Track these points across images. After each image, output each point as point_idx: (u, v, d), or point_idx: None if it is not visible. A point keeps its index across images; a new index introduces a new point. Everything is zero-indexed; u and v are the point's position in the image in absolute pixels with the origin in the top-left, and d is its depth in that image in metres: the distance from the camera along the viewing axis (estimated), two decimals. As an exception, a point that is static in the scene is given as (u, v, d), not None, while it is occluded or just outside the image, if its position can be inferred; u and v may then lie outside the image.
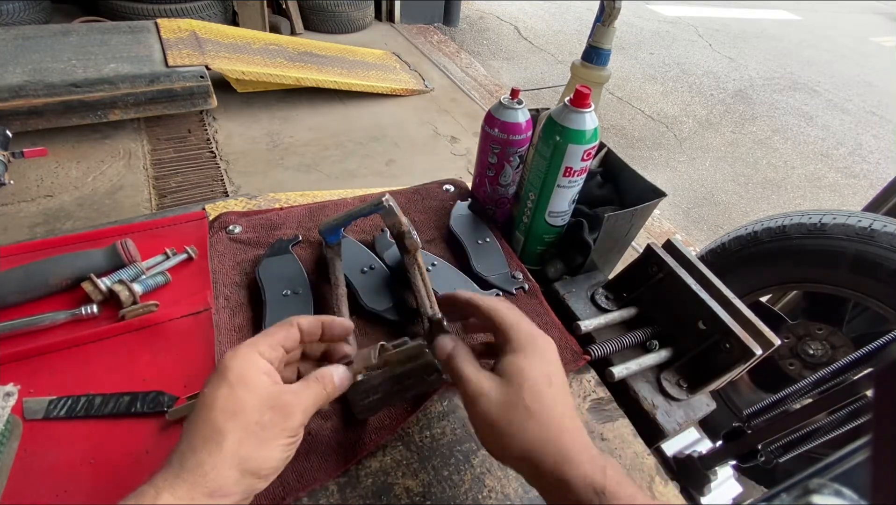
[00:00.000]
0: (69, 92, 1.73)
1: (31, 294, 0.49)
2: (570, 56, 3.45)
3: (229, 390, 0.30)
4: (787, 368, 1.04)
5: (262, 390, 0.31)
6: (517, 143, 0.61)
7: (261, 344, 0.33)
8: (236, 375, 0.31)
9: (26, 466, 0.38)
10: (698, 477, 0.53)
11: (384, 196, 0.49)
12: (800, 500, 0.25)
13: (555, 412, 0.32)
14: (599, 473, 0.30)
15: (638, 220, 0.62)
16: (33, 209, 1.59)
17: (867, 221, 0.84)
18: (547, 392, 0.33)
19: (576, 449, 0.31)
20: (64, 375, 0.44)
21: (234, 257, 0.57)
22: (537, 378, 0.33)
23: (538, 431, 0.32)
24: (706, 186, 2.49)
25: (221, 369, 0.31)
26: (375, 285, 0.55)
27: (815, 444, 0.54)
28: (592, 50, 1.10)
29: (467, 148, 2.28)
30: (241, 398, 0.30)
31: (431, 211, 0.69)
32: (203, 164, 1.92)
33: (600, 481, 0.29)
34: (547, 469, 0.31)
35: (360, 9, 3.14)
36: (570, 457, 0.31)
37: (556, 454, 0.31)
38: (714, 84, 3.58)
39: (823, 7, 6.37)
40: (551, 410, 0.32)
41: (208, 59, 2.01)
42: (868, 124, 3.37)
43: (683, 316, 0.52)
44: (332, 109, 2.36)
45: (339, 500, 0.40)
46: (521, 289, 0.59)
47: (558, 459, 0.31)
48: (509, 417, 0.33)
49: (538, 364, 0.34)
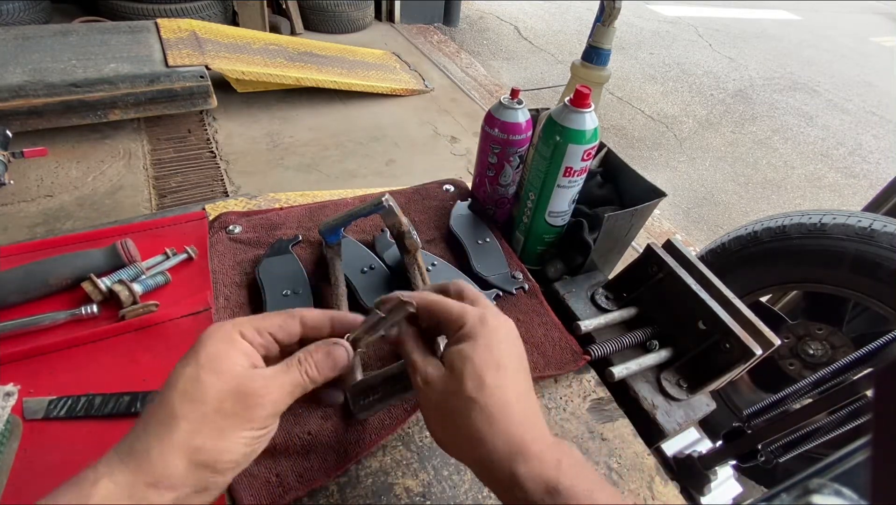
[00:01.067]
0: (69, 92, 1.73)
1: (31, 294, 0.49)
2: (570, 56, 3.45)
3: (194, 371, 0.27)
4: (787, 368, 1.04)
5: (229, 374, 0.27)
6: (517, 143, 0.61)
7: (246, 326, 0.30)
8: (207, 355, 0.28)
9: (26, 466, 0.38)
10: (698, 477, 0.53)
11: (384, 196, 0.49)
12: (800, 500, 0.25)
13: (500, 400, 0.29)
14: (552, 468, 0.27)
15: (638, 220, 0.62)
16: (33, 209, 1.59)
17: (867, 221, 0.84)
18: (492, 379, 0.30)
19: (526, 440, 0.28)
20: (64, 375, 0.44)
21: (234, 257, 0.58)
22: (482, 364, 0.30)
23: (482, 421, 0.29)
24: (706, 186, 2.49)
25: (196, 346, 0.28)
26: (375, 285, 0.55)
27: (815, 444, 0.54)
28: (592, 50, 1.10)
29: (467, 148, 2.28)
30: (204, 382, 0.27)
31: (431, 211, 0.69)
32: (203, 164, 1.92)
33: (553, 477, 0.27)
34: (496, 464, 0.28)
35: (360, 9, 3.14)
36: (521, 449, 0.28)
37: (505, 447, 0.28)
38: (714, 84, 3.58)
39: (823, 7, 6.37)
40: (497, 397, 0.29)
41: (208, 59, 2.01)
42: (868, 124, 3.37)
43: (683, 316, 0.52)
44: (332, 109, 2.36)
45: (339, 500, 0.40)
46: (521, 289, 0.59)
47: (507, 452, 0.28)
48: (451, 406, 0.30)
49: (483, 350, 0.31)
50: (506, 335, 0.33)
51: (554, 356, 0.52)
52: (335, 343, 0.33)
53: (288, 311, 0.33)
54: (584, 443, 0.47)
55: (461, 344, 0.31)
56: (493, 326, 0.32)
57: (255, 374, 0.29)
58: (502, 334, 0.32)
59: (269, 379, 0.29)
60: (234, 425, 0.27)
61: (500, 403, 0.29)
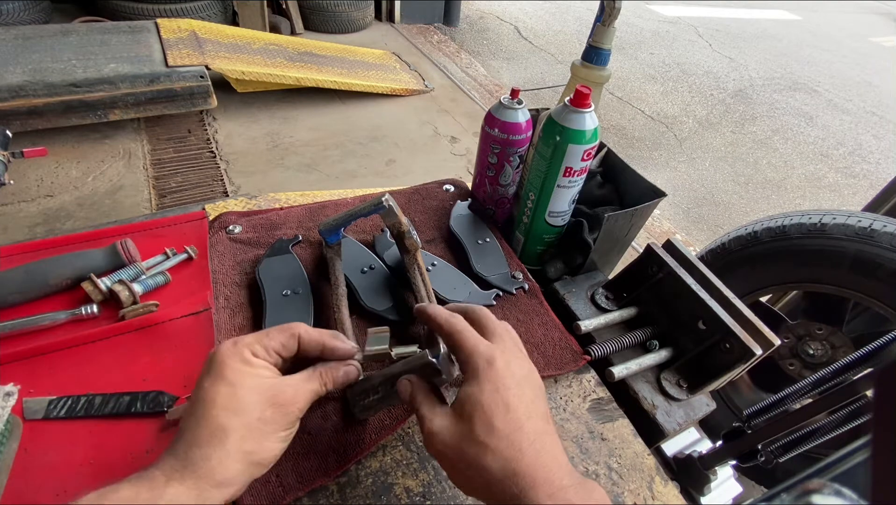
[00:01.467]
0: (69, 92, 1.73)
1: (31, 294, 0.49)
2: (570, 56, 3.45)
3: (229, 389, 0.31)
4: (787, 368, 1.04)
5: (262, 388, 0.32)
6: (517, 143, 0.61)
7: (255, 345, 0.33)
8: (234, 373, 0.31)
9: (26, 466, 0.38)
10: (698, 477, 0.53)
11: (384, 196, 0.49)
12: (800, 500, 0.25)
13: (511, 442, 0.30)
14: None
15: (638, 220, 0.62)
16: (33, 209, 1.59)
17: (867, 221, 0.84)
18: (501, 421, 0.30)
19: (538, 481, 0.29)
20: (64, 375, 0.44)
21: (234, 257, 0.57)
22: (491, 407, 0.31)
23: (497, 466, 0.30)
24: (706, 186, 2.49)
25: (218, 367, 0.32)
26: (375, 285, 0.55)
27: (815, 444, 0.54)
28: (592, 50, 1.10)
29: (467, 148, 2.28)
30: (242, 397, 0.31)
31: (431, 211, 0.69)
32: (203, 164, 1.92)
33: None
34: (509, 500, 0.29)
35: (360, 9, 3.14)
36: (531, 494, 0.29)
37: (516, 490, 0.29)
38: (714, 84, 3.58)
39: (823, 7, 6.37)
40: (508, 439, 0.30)
41: (208, 59, 2.01)
42: (868, 124, 3.37)
43: (683, 316, 0.52)
44: (332, 109, 2.36)
45: (339, 500, 0.40)
46: (521, 289, 0.59)
47: (519, 493, 0.29)
48: (463, 452, 0.31)
49: (490, 391, 0.31)
50: (514, 375, 0.33)
51: (554, 356, 0.52)
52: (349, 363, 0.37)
53: (288, 327, 0.35)
54: (584, 443, 0.47)
55: (470, 386, 0.33)
56: (499, 368, 0.33)
57: (284, 385, 0.33)
58: (510, 374, 0.33)
59: (296, 387, 0.33)
60: (274, 429, 0.31)
61: (512, 446, 0.30)
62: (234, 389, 0.31)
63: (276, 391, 0.32)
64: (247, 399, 0.31)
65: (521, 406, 0.31)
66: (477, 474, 0.31)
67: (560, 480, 0.29)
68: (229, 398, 0.30)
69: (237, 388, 0.31)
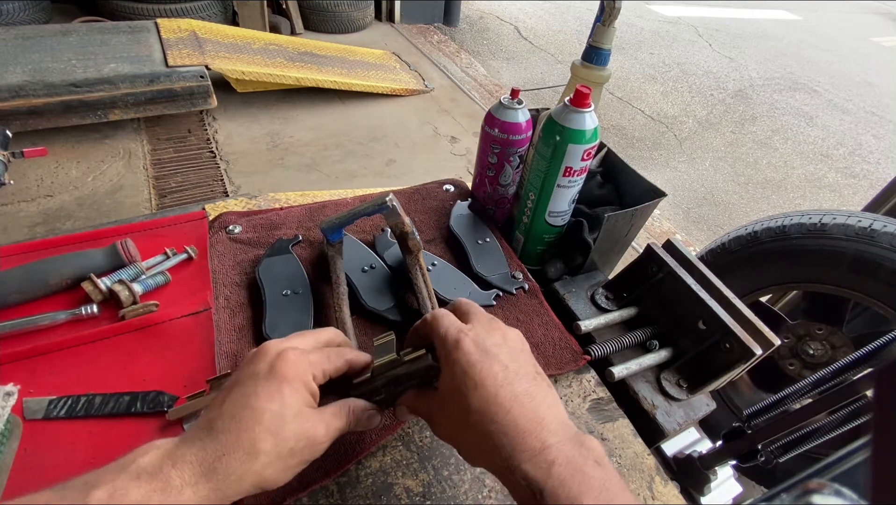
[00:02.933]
0: (69, 92, 1.73)
1: (31, 294, 0.49)
2: (570, 56, 3.45)
3: (279, 410, 0.30)
4: (787, 368, 1.04)
5: (303, 417, 0.31)
6: (517, 143, 0.61)
7: (318, 368, 0.33)
8: (291, 395, 0.31)
9: (26, 466, 0.38)
10: (698, 477, 0.53)
11: (388, 196, 0.49)
12: (800, 500, 0.25)
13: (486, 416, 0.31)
14: (543, 471, 0.28)
15: (638, 220, 0.62)
16: (33, 209, 1.59)
17: (867, 221, 0.84)
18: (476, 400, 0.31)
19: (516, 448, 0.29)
20: (64, 375, 0.44)
21: (234, 257, 0.57)
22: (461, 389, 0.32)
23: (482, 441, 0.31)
24: (706, 186, 2.49)
25: (279, 379, 0.31)
26: (376, 285, 0.55)
27: (815, 444, 0.54)
28: (592, 50, 1.10)
29: (467, 148, 2.28)
30: (288, 424, 0.30)
31: (431, 211, 0.69)
32: (203, 164, 1.92)
33: (540, 480, 0.28)
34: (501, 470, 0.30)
35: (360, 9, 3.14)
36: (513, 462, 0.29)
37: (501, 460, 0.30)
38: (714, 84, 3.58)
39: (823, 7, 6.37)
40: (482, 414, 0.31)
41: (208, 59, 2.01)
42: (868, 124, 3.37)
43: (683, 316, 0.52)
44: (332, 109, 2.36)
45: (339, 500, 0.40)
46: (521, 289, 0.59)
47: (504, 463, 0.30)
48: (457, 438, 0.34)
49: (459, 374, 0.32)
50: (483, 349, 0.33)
51: (554, 356, 0.52)
52: (374, 412, 0.37)
53: (342, 355, 0.35)
54: (584, 443, 0.47)
55: (444, 374, 0.34)
56: (466, 347, 0.33)
57: (318, 420, 0.32)
58: (479, 350, 0.33)
59: (328, 424, 0.32)
60: (298, 462, 0.31)
61: (485, 420, 0.30)
62: (283, 411, 0.30)
63: (312, 425, 0.31)
64: (289, 428, 0.30)
65: (489, 379, 0.31)
66: (477, 452, 0.32)
67: (543, 441, 0.30)
68: (275, 421, 0.29)
69: (286, 410, 0.30)
